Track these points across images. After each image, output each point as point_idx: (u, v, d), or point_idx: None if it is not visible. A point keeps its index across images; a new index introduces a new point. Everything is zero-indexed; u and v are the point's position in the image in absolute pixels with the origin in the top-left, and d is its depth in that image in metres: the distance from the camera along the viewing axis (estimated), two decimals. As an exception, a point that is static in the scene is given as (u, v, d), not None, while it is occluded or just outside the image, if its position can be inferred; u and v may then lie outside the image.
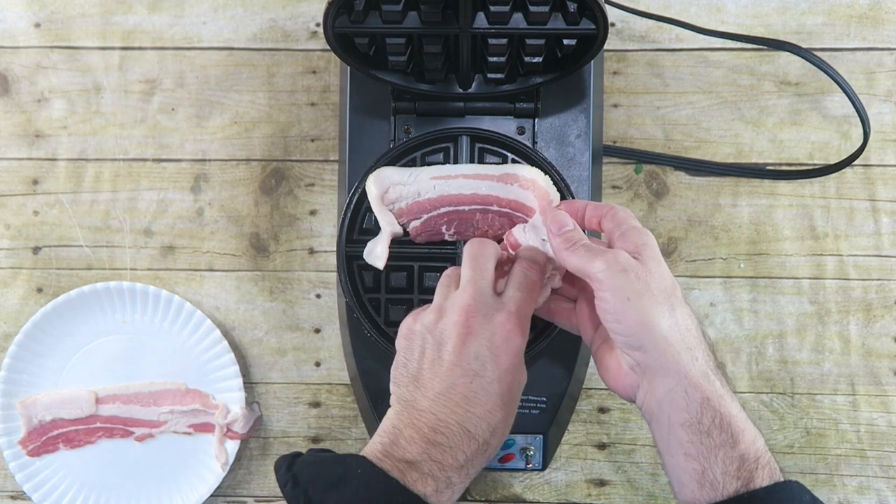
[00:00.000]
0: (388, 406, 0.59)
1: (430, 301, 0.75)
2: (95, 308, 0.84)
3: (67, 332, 0.84)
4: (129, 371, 0.84)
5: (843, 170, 0.82)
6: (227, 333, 0.85)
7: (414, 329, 0.60)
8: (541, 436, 0.79)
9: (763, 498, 0.53)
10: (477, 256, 0.61)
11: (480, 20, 0.66)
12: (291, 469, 0.56)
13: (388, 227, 0.72)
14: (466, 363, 0.56)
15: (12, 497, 0.86)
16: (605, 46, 0.67)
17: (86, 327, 0.84)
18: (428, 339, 0.59)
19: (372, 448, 0.57)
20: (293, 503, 0.54)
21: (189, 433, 0.84)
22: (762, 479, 0.53)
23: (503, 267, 0.64)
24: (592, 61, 0.70)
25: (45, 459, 0.84)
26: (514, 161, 0.75)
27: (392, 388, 0.60)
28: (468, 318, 0.58)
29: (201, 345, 0.84)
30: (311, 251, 0.86)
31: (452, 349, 0.57)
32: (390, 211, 0.74)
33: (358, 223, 0.75)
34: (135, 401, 0.83)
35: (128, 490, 0.84)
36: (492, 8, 0.64)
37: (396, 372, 0.60)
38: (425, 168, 0.74)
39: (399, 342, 0.61)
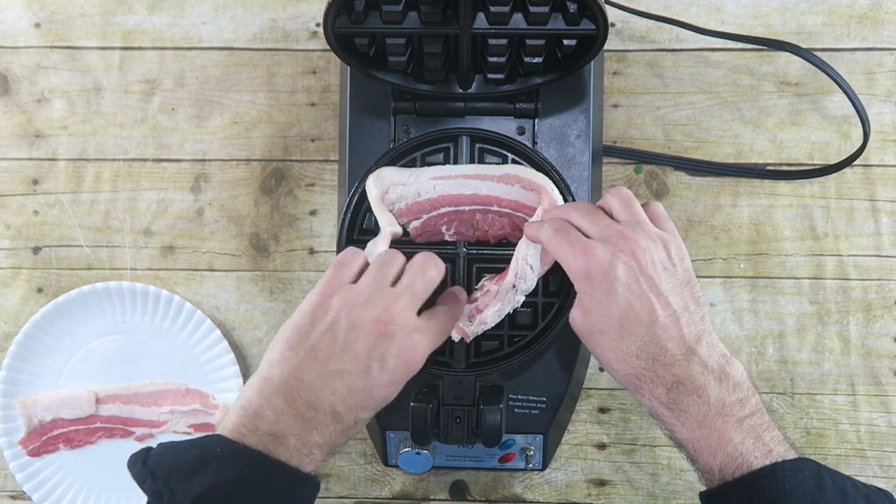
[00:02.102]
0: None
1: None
2: (95, 308, 0.84)
3: (67, 332, 0.84)
4: (130, 371, 0.84)
5: (843, 170, 0.82)
6: (227, 333, 0.85)
7: (331, 304, 0.59)
8: (541, 436, 0.79)
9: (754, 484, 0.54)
10: (427, 269, 0.62)
11: (480, 20, 0.66)
12: (147, 463, 0.54)
13: (388, 227, 0.72)
14: (367, 359, 0.57)
15: (12, 497, 0.86)
16: (605, 46, 0.67)
17: (86, 327, 0.84)
18: (342, 318, 0.58)
19: (231, 423, 0.55)
20: (156, 498, 0.52)
21: (189, 433, 0.84)
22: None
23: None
24: (592, 61, 0.70)
25: (45, 459, 0.84)
26: (514, 161, 0.75)
27: (274, 350, 0.58)
28: (391, 323, 0.58)
29: (201, 345, 0.84)
30: (311, 251, 0.86)
31: (363, 340, 0.57)
32: (390, 211, 0.74)
33: (358, 223, 0.75)
34: (135, 401, 0.83)
35: (128, 490, 0.84)
36: (492, 8, 0.64)
37: (290, 333, 0.59)
38: (425, 168, 0.74)
39: (307, 307, 0.60)
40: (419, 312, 0.61)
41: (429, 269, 0.62)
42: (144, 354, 0.84)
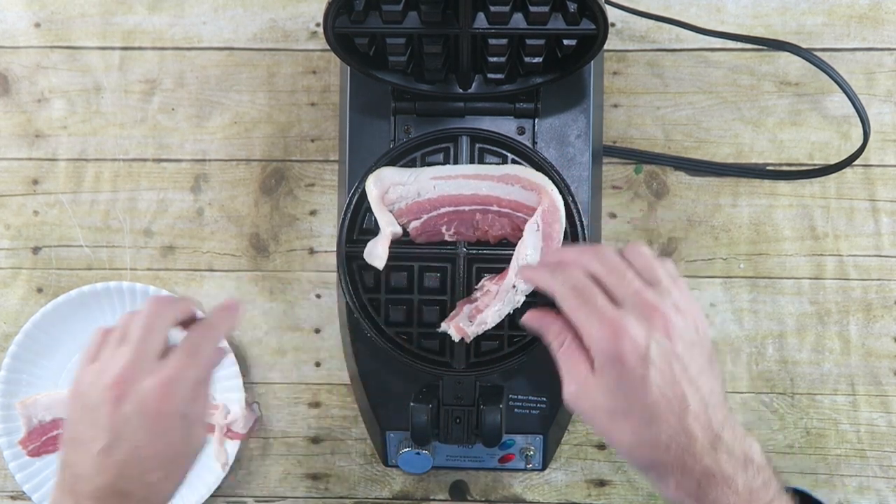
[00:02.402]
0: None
1: (430, 301, 0.76)
2: (95, 308, 0.84)
3: (68, 333, 0.84)
4: None
5: (843, 170, 0.82)
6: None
7: (80, 389, 0.58)
8: (541, 436, 0.79)
9: None
10: (152, 316, 0.59)
11: (480, 20, 0.66)
12: None
13: (388, 227, 0.72)
14: (118, 428, 0.55)
15: (12, 497, 0.86)
16: (605, 46, 0.67)
17: (86, 327, 0.84)
18: (88, 398, 0.57)
19: None
20: None
21: None
22: None
23: None
24: (592, 61, 0.70)
25: (45, 459, 0.84)
26: (514, 161, 0.75)
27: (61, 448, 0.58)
28: (120, 382, 0.56)
29: None
30: (311, 251, 0.86)
31: (106, 414, 0.55)
32: (390, 211, 0.74)
33: (358, 223, 0.75)
34: None
35: None
36: (492, 8, 0.64)
37: (63, 431, 0.58)
38: (425, 168, 0.74)
39: (69, 400, 0.59)
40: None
41: (155, 315, 0.59)
42: None
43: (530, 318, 0.59)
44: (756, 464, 0.55)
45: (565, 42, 0.67)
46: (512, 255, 0.72)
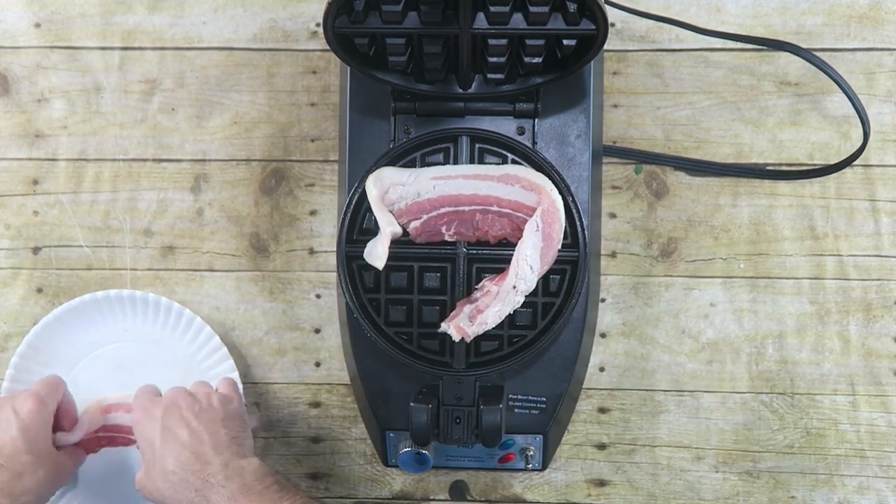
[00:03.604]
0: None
1: (430, 301, 0.76)
2: (97, 317, 0.83)
3: (70, 342, 0.84)
4: (132, 379, 0.83)
5: (843, 170, 0.82)
6: (227, 333, 0.85)
7: None
8: (541, 436, 0.79)
9: None
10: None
11: (480, 20, 0.66)
12: None
13: (388, 227, 0.72)
14: None
15: None
16: (605, 46, 0.67)
17: (88, 336, 0.84)
18: None
19: None
20: None
21: None
22: None
23: None
24: (592, 61, 0.70)
25: None
26: (514, 161, 0.75)
27: None
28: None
29: (202, 352, 0.83)
30: (311, 251, 0.86)
31: None
32: (390, 211, 0.74)
33: (358, 223, 0.75)
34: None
35: (126, 497, 0.83)
36: (492, 8, 0.64)
37: None
38: (425, 168, 0.74)
39: None
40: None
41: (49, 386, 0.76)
42: (146, 362, 0.84)
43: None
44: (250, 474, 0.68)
45: (565, 42, 0.67)
46: (512, 255, 0.72)
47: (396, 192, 0.74)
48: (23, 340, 0.82)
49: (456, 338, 0.71)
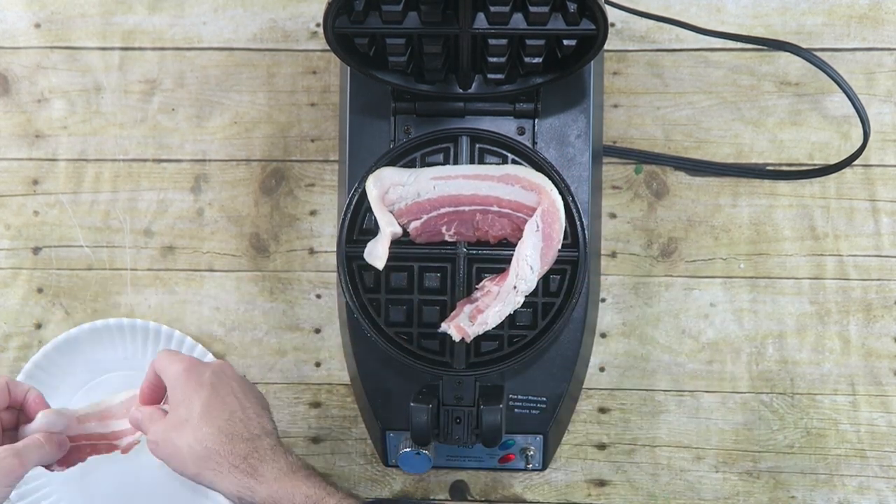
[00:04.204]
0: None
1: (430, 301, 0.76)
2: (97, 346, 0.84)
3: (70, 371, 0.84)
4: None
5: (843, 170, 0.82)
6: (227, 333, 0.85)
7: None
8: (541, 436, 0.79)
9: None
10: None
11: (480, 20, 0.66)
12: None
13: (388, 227, 0.72)
14: None
15: None
16: (605, 46, 0.67)
17: (87, 365, 0.84)
18: None
19: None
20: None
21: None
22: None
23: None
24: (592, 61, 0.70)
25: (38, 481, 0.83)
26: (514, 161, 0.75)
27: None
28: None
29: None
30: (311, 251, 0.86)
31: None
32: (390, 211, 0.74)
33: (358, 223, 0.75)
34: (109, 415, 0.76)
35: (138, 498, 0.84)
36: (492, 8, 0.64)
37: None
38: (425, 168, 0.74)
39: None
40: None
41: None
42: None
43: (131, 417, 0.71)
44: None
45: (565, 42, 0.67)
46: (512, 255, 0.72)
47: (396, 192, 0.74)
48: (21, 370, 0.82)
49: (456, 338, 0.71)
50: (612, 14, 0.81)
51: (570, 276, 0.74)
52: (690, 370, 0.84)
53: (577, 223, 0.73)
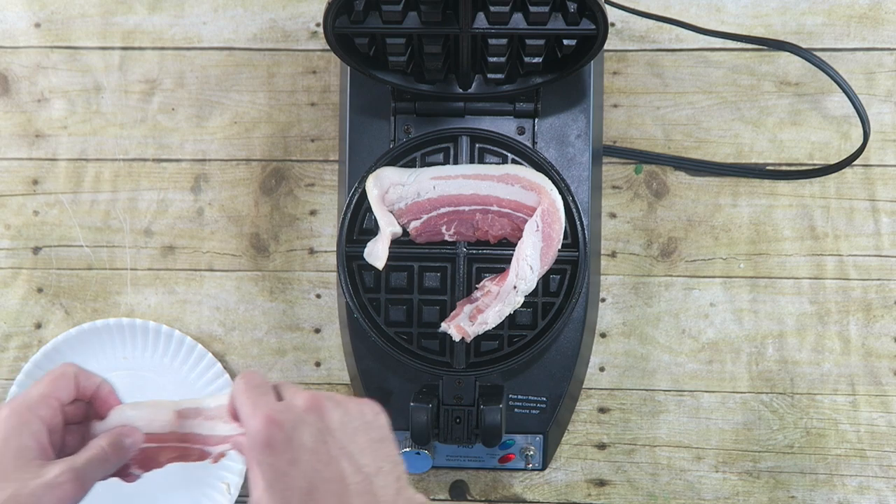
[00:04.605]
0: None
1: (430, 301, 0.76)
2: (96, 345, 0.84)
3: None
4: None
5: (843, 170, 0.82)
6: (227, 333, 0.85)
7: None
8: (541, 436, 0.79)
9: None
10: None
11: (480, 20, 0.66)
12: None
13: (388, 227, 0.72)
14: None
15: None
16: (605, 46, 0.67)
17: (87, 365, 0.81)
18: None
19: None
20: None
21: None
22: None
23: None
24: (592, 61, 0.70)
25: None
26: (514, 161, 0.75)
27: None
28: None
29: (203, 379, 0.84)
30: (311, 251, 0.86)
31: None
32: (390, 211, 0.74)
33: (358, 223, 0.75)
34: (217, 415, 0.63)
35: (138, 498, 0.83)
36: (492, 8, 0.64)
37: None
38: (425, 168, 0.74)
39: None
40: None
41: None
42: (147, 390, 0.84)
43: (234, 444, 0.56)
44: None
45: (565, 42, 0.67)
46: (512, 254, 0.72)
47: (396, 192, 0.74)
48: (21, 370, 0.83)
49: (456, 338, 0.71)
50: (612, 14, 0.81)
51: (570, 276, 0.74)
52: (690, 370, 0.84)
53: (577, 223, 0.73)
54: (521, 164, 0.75)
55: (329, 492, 0.48)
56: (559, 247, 0.72)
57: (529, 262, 0.71)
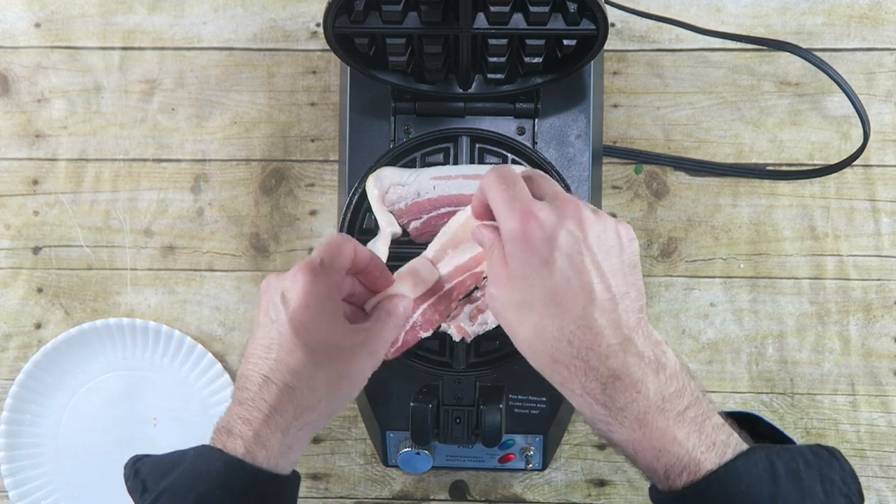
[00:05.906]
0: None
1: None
2: (96, 345, 0.84)
3: (69, 371, 0.84)
4: (132, 408, 0.84)
5: (843, 170, 0.82)
6: (227, 333, 0.85)
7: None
8: (541, 436, 0.79)
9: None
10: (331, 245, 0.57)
11: (480, 20, 0.66)
12: (135, 466, 0.56)
13: (388, 227, 0.72)
14: (266, 315, 0.55)
15: None
16: (605, 46, 0.67)
17: (87, 365, 0.84)
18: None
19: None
20: (133, 493, 0.54)
21: None
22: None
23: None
24: (592, 61, 0.70)
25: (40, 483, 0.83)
26: (514, 161, 0.75)
27: None
28: (270, 280, 0.56)
29: (202, 379, 0.84)
30: (311, 251, 0.86)
31: (259, 308, 0.56)
32: (390, 211, 0.74)
33: (358, 223, 0.75)
34: (458, 240, 0.64)
35: None
36: (492, 8, 0.64)
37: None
38: (425, 168, 0.74)
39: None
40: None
41: (333, 244, 0.57)
42: (146, 390, 0.84)
43: (474, 234, 0.57)
44: (669, 370, 0.51)
45: (565, 42, 0.67)
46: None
47: (396, 192, 0.74)
48: (21, 370, 0.83)
49: (456, 338, 0.71)
50: (612, 14, 0.81)
51: (570, 276, 0.74)
52: (690, 370, 0.84)
53: (577, 223, 0.73)
54: (521, 164, 0.75)
55: (574, 300, 0.49)
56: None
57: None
